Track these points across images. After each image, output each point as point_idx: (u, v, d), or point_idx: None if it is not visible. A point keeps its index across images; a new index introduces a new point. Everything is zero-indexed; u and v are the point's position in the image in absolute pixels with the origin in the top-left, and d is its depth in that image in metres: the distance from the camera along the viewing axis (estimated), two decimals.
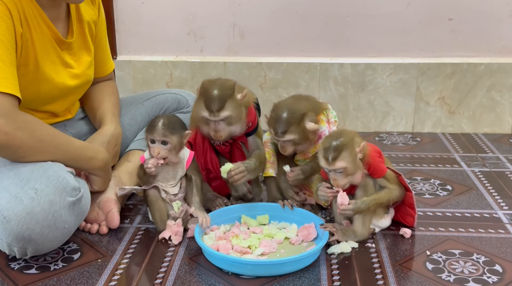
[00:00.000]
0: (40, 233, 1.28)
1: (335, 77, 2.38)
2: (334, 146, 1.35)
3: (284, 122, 1.47)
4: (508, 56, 2.33)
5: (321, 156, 1.38)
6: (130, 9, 2.41)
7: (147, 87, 2.44)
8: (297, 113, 1.48)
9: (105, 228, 1.51)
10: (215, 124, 1.48)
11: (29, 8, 1.40)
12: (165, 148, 1.43)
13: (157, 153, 1.42)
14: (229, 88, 1.47)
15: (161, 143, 1.43)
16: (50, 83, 1.48)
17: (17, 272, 1.33)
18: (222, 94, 1.45)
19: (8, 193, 1.29)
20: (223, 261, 1.32)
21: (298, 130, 1.48)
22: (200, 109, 1.48)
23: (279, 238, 1.45)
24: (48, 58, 1.47)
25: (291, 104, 1.51)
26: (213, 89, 1.45)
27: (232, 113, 1.47)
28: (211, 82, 1.49)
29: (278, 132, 1.48)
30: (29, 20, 1.40)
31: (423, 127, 2.42)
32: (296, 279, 1.29)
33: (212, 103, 1.45)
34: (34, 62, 1.43)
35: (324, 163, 1.38)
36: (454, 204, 1.69)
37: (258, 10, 2.36)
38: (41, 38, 1.44)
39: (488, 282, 1.28)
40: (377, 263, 1.36)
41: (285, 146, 1.52)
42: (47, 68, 1.46)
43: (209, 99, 1.45)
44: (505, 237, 1.49)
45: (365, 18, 2.33)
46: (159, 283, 1.28)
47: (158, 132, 1.42)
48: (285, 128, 1.47)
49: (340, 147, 1.35)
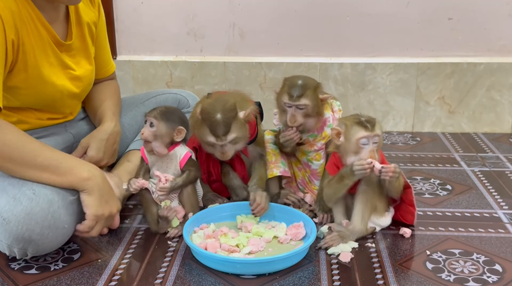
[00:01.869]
0: (40, 234, 1.28)
1: (335, 76, 2.38)
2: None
3: (300, 86, 1.50)
4: (508, 56, 2.33)
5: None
6: (130, 9, 2.41)
7: (147, 87, 2.45)
8: (312, 81, 1.53)
9: (105, 228, 1.51)
10: (222, 147, 1.47)
11: (26, 10, 1.39)
12: (150, 131, 1.44)
13: (142, 132, 1.45)
14: (231, 109, 1.45)
15: (149, 125, 1.44)
16: (49, 85, 1.47)
17: (17, 272, 1.33)
18: (226, 118, 1.43)
19: (6, 194, 1.29)
20: (209, 259, 1.33)
21: (313, 97, 1.51)
22: (205, 134, 1.45)
23: (267, 237, 1.45)
24: (47, 60, 1.46)
25: (302, 76, 1.55)
26: (216, 114, 1.43)
27: (237, 134, 1.46)
28: (212, 106, 1.45)
29: (293, 95, 1.49)
30: (26, 24, 1.39)
31: (423, 126, 2.42)
32: (296, 279, 1.29)
33: (218, 129, 1.43)
34: (33, 66, 1.42)
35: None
36: (454, 204, 1.69)
37: (257, 10, 2.36)
38: (39, 40, 1.43)
39: (488, 281, 1.28)
40: (377, 263, 1.36)
41: (296, 115, 1.52)
42: (46, 70, 1.46)
43: (213, 124, 1.43)
44: (505, 236, 1.49)
45: (364, 17, 2.33)
46: (159, 283, 1.28)
47: (151, 113, 1.46)
48: (301, 92, 1.49)
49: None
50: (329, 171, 1.48)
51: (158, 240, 1.48)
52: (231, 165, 1.63)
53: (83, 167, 1.37)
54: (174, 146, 1.49)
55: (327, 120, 1.59)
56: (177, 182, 1.47)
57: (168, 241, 1.47)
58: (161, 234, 1.50)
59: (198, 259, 1.37)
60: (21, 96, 1.41)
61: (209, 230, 1.47)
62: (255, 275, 1.31)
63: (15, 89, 1.38)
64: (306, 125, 1.54)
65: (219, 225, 1.51)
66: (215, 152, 1.49)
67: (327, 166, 1.50)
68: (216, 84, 2.42)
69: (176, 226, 1.50)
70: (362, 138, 1.38)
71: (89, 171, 1.36)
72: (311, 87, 1.51)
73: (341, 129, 1.42)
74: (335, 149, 1.46)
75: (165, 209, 1.47)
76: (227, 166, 1.62)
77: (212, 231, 1.46)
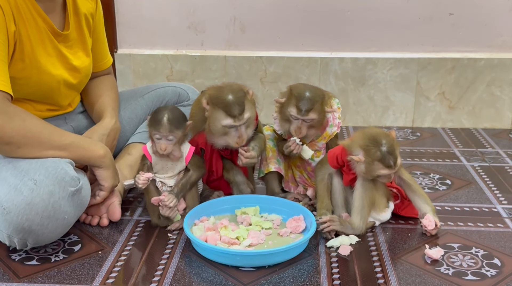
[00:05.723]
0: (40, 224, 1.29)
1: (335, 71, 2.39)
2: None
3: (309, 99, 1.48)
4: (508, 51, 2.33)
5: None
6: (130, 3, 2.41)
7: (147, 81, 2.45)
8: (319, 93, 1.51)
9: (105, 220, 1.52)
10: (238, 129, 1.45)
11: (22, 1, 1.40)
12: (171, 143, 1.43)
13: (164, 148, 1.42)
14: (240, 90, 1.46)
15: (167, 139, 1.43)
16: (46, 75, 1.48)
17: (18, 263, 1.34)
18: (238, 97, 1.43)
19: (8, 184, 1.29)
20: (210, 251, 1.34)
21: (321, 110, 1.50)
22: (219, 119, 1.43)
23: (266, 226, 1.46)
24: (45, 50, 1.47)
25: (309, 86, 1.53)
26: (227, 95, 1.43)
27: (251, 113, 1.46)
28: (220, 90, 1.45)
29: (302, 110, 1.48)
30: (22, 14, 1.40)
31: (423, 122, 2.42)
32: (296, 272, 1.30)
33: (233, 108, 1.42)
34: (31, 56, 1.43)
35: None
36: (453, 198, 1.70)
37: (258, 4, 2.36)
38: (36, 31, 1.44)
39: (487, 275, 1.29)
40: (376, 256, 1.37)
41: (302, 127, 1.51)
42: (43, 60, 1.46)
43: (228, 105, 1.42)
44: (504, 231, 1.49)
45: (365, 12, 2.33)
46: (160, 274, 1.29)
47: (165, 128, 1.41)
48: (310, 106, 1.48)
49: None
50: (329, 161, 1.47)
51: (158, 233, 1.49)
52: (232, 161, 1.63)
53: (97, 145, 1.48)
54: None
55: (328, 120, 1.58)
56: (180, 191, 1.48)
57: (169, 233, 1.48)
58: (161, 227, 1.51)
59: (199, 251, 1.37)
60: (18, 86, 1.42)
61: (209, 222, 1.47)
62: (255, 268, 1.31)
63: (13, 80, 1.39)
64: (309, 134, 1.55)
65: (219, 218, 1.51)
66: (229, 139, 1.46)
67: (328, 155, 1.48)
68: (217, 78, 2.42)
69: (177, 220, 1.50)
70: (382, 175, 1.39)
71: (103, 148, 1.48)
72: (319, 100, 1.50)
73: (361, 158, 1.38)
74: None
75: (167, 210, 1.47)
76: (229, 162, 1.61)
77: (212, 224, 1.47)
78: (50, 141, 1.37)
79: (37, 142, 1.35)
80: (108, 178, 1.48)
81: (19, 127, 1.32)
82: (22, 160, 1.34)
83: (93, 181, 1.50)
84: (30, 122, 1.35)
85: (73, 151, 1.41)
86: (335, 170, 1.49)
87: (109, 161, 1.48)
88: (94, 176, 1.49)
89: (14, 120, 1.32)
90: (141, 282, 1.26)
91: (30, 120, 1.36)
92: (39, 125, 1.37)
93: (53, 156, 1.36)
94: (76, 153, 1.41)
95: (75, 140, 1.43)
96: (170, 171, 1.49)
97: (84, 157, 1.44)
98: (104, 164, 1.46)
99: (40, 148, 1.36)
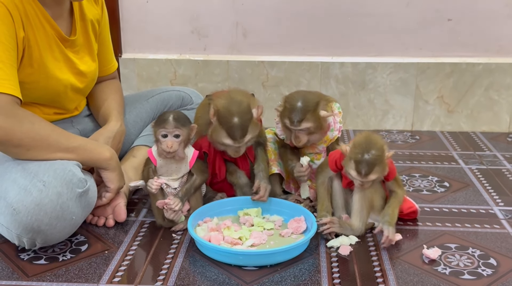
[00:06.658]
0: (48, 224, 1.32)
1: (336, 75, 2.42)
2: (368, 160, 1.36)
3: (299, 110, 1.49)
4: (506, 56, 2.36)
5: (352, 168, 1.39)
6: (135, 8, 2.44)
7: (151, 85, 2.48)
8: (311, 101, 1.51)
9: (111, 221, 1.55)
10: (237, 147, 1.49)
11: (30, 7, 1.43)
12: (177, 141, 1.46)
13: (170, 146, 1.44)
14: (247, 112, 1.47)
15: (173, 136, 1.46)
16: (54, 80, 1.51)
17: (27, 262, 1.37)
18: (243, 121, 1.45)
19: (17, 185, 1.33)
20: (213, 251, 1.37)
21: (314, 118, 1.50)
22: (221, 137, 1.47)
23: (268, 227, 1.49)
24: (52, 55, 1.50)
25: (303, 94, 1.54)
26: (233, 117, 1.44)
27: (252, 135, 1.49)
28: (228, 109, 1.46)
29: (294, 121, 1.50)
30: (30, 20, 1.42)
31: (422, 125, 2.45)
32: (297, 271, 1.33)
33: (235, 132, 1.44)
34: (39, 61, 1.46)
35: (357, 176, 1.39)
36: (451, 200, 1.73)
37: (260, 10, 2.39)
38: (44, 36, 1.47)
39: (483, 274, 1.31)
40: (375, 256, 1.40)
41: (300, 136, 1.53)
42: (50, 65, 1.49)
43: (231, 128, 1.44)
44: (500, 232, 1.52)
45: (365, 18, 2.36)
46: (164, 273, 1.32)
47: (171, 125, 1.45)
48: (301, 117, 1.49)
49: (374, 161, 1.37)
50: (329, 165, 1.50)
51: (163, 233, 1.52)
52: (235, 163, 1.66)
53: (104, 147, 1.52)
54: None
55: (330, 124, 1.60)
56: (185, 195, 1.51)
57: (173, 234, 1.51)
58: (166, 228, 1.54)
59: (202, 251, 1.40)
60: (26, 90, 1.44)
61: (213, 223, 1.51)
62: (257, 267, 1.34)
63: (21, 84, 1.41)
64: (311, 140, 1.57)
65: (222, 219, 1.54)
66: (228, 151, 1.51)
67: (329, 159, 1.51)
68: (219, 82, 2.45)
69: (181, 221, 1.54)
70: (354, 179, 1.42)
71: (109, 151, 1.51)
72: (311, 108, 1.50)
73: (347, 149, 1.41)
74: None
75: (171, 213, 1.50)
76: (232, 165, 1.63)
77: (216, 225, 1.50)
78: (58, 144, 1.40)
79: (46, 145, 1.39)
80: (114, 180, 1.51)
81: (28, 130, 1.36)
82: (31, 162, 1.37)
83: (99, 183, 1.53)
84: (39, 125, 1.39)
85: (80, 154, 1.44)
86: (335, 174, 1.52)
87: (115, 163, 1.52)
88: (101, 178, 1.52)
89: (23, 123, 1.35)
90: (146, 281, 1.29)
91: (39, 123, 1.39)
92: (47, 128, 1.41)
93: (61, 158, 1.40)
94: (83, 155, 1.45)
95: (82, 143, 1.46)
96: (175, 173, 1.52)
97: (91, 159, 1.47)
98: (110, 166, 1.50)
99: (49, 151, 1.39)
